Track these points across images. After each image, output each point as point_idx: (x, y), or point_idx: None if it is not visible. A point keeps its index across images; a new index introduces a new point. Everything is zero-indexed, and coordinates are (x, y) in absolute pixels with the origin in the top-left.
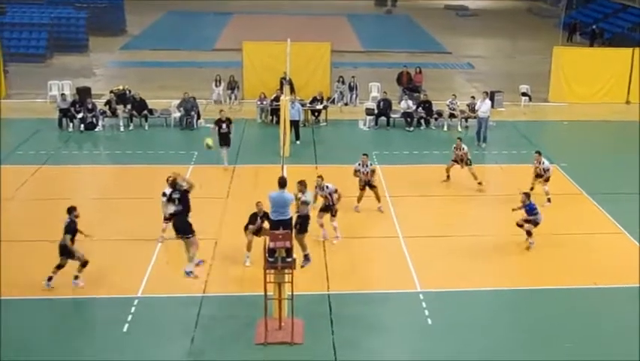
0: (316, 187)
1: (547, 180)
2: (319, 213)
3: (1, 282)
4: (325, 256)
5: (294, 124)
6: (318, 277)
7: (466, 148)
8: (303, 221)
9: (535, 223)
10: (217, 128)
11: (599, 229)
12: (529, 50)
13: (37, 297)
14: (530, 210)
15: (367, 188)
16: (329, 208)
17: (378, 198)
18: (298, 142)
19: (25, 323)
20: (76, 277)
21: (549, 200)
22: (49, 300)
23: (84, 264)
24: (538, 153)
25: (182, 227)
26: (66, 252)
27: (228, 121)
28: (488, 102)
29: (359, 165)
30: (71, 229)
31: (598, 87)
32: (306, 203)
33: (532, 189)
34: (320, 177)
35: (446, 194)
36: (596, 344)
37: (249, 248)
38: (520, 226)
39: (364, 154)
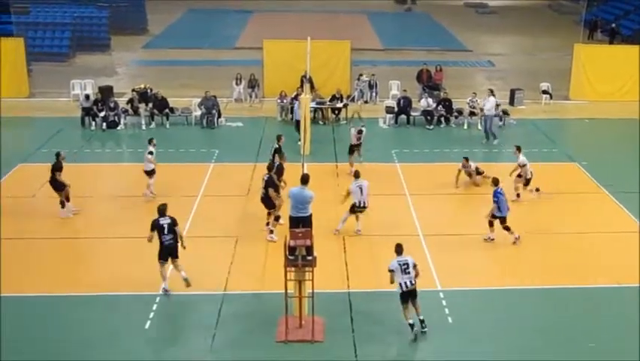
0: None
1: (527, 182)
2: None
3: (23, 279)
4: (345, 254)
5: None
6: (338, 275)
7: (473, 165)
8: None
9: (502, 217)
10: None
11: (620, 228)
12: (550, 47)
13: (58, 294)
14: (493, 195)
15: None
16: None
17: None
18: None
19: (46, 320)
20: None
21: (518, 195)
22: (70, 297)
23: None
24: (518, 148)
25: None
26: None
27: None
28: (492, 99)
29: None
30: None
31: (619, 85)
32: None
33: (537, 189)
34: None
35: (466, 192)
36: (619, 344)
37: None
38: (491, 224)
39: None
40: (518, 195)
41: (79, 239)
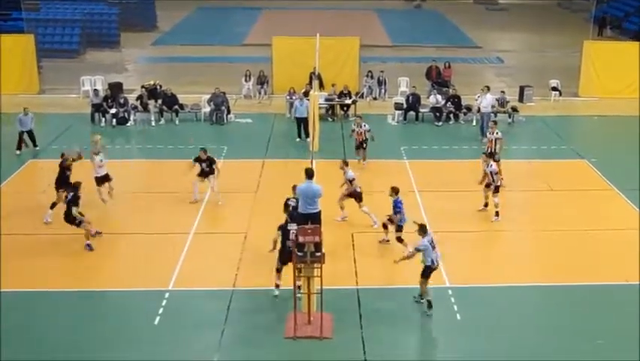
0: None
1: (496, 189)
2: (342, 196)
3: (32, 274)
4: (354, 251)
5: (303, 121)
6: (347, 271)
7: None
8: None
9: (399, 227)
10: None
11: (629, 225)
12: (559, 44)
13: (67, 289)
14: (395, 205)
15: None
16: (353, 195)
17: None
18: (309, 139)
19: (54, 316)
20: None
21: (497, 214)
22: (79, 292)
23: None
24: (487, 154)
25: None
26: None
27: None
28: (489, 97)
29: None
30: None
31: (628, 82)
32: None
33: (486, 205)
34: (344, 161)
35: (475, 189)
36: (628, 342)
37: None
38: (385, 226)
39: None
40: (486, 205)
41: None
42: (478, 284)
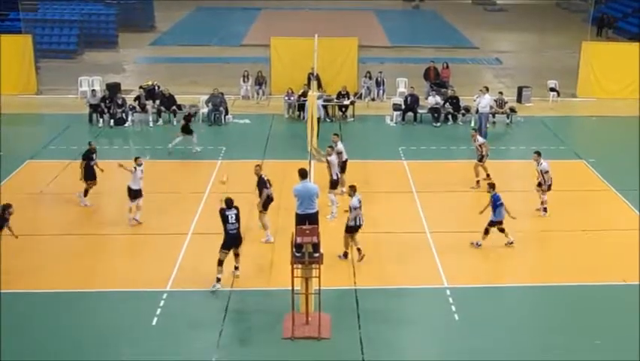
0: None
1: (548, 188)
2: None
3: (30, 275)
4: (352, 251)
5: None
6: (344, 272)
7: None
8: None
9: (496, 223)
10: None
11: (627, 226)
12: (558, 44)
13: (65, 290)
14: (496, 200)
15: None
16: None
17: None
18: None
19: (53, 316)
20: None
21: (545, 210)
22: (77, 293)
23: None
24: (538, 153)
25: None
26: None
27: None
28: (487, 97)
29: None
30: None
31: (627, 82)
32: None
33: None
34: (330, 147)
35: (474, 190)
36: (625, 342)
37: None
38: (486, 233)
39: (335, 134)
40: (545, 210)
41: (86, 235)
42: (475, 285)
